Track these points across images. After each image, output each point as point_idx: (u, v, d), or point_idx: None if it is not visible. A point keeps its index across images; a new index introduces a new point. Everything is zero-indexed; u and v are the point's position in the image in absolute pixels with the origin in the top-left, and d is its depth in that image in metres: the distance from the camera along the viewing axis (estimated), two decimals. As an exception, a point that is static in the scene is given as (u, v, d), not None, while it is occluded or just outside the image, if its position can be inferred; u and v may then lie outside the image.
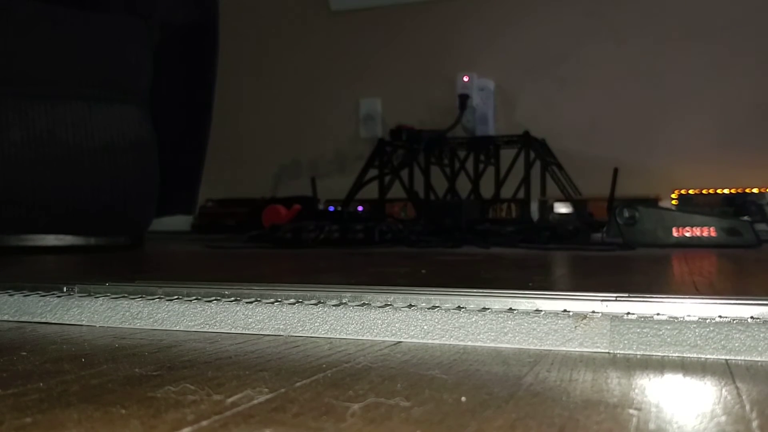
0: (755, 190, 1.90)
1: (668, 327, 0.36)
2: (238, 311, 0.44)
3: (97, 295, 0.48)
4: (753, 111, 2.16)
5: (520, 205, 2.02)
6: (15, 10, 1.28)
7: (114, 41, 1.37)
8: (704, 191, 1.96)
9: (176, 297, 0.47)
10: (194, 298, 0.47)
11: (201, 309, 0.44)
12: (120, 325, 0.46)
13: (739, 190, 1.93)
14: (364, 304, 0.43)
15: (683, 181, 2.15)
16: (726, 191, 1.93)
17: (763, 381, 0.30)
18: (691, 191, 1.96)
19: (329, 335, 0.41)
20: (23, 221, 1.29)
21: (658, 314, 0.38)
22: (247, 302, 0.44)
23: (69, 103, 1.29)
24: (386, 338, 0.40)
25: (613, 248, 1.36)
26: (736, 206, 1.86)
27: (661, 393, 0.28)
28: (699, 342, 0.35)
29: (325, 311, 0.42)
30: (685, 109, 2.22)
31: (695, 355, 0.35)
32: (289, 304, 0.44)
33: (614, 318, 0.37)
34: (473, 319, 0.39)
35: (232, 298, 0.46)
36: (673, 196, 1.99)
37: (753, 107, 2.16)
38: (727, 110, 2.19)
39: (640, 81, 2.26)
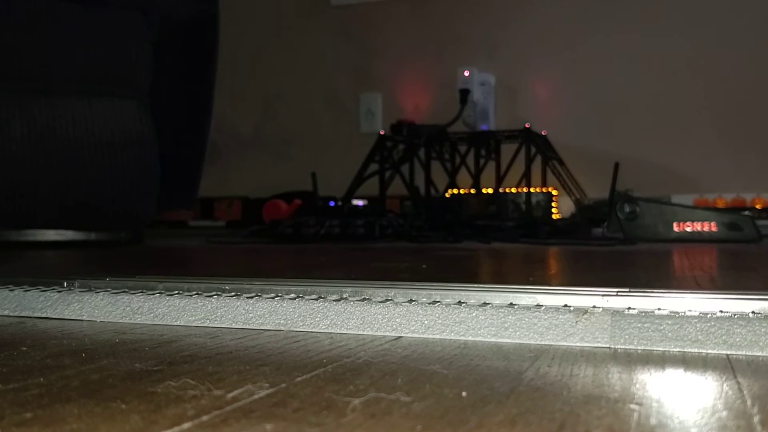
0: (513, 190, 2.01)
1: (669, 322, 0.36)
2: (238, 306, 0.44)
3: (98, 290, 0.48)
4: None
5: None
6: (15, 5, 1.28)
7: (114, 36, 1.36)
8: (472, 191, 2.05)
9: (177, 292, 0.47)
10: (195, 293, 0.47)
11: (201, 304, 0.44)
12: (120, 320, 0.46)
13: (501, 190, 2.02)
14: (364, 299, 0.43)
15: (688, 180, 2.15)
16: (489, 191, 2.02)
17: (764, 376, 0.30)
18: (462, 191, 2.04)
19: (330, 330, 0.41)
20: (23, 216, 1.29)
21: (659, 309, 0.38)
22: (247, 297, 0.44)
23: (69, 98, 1.28)
24: (387, 333, 0.40)
25: (614, 243, 1.35)
26: (497, 204, 1.95)
27: (662, 388, 0.28)
28: (700, 337, 0.35)
29: (326, 306, 0.42)
30: (690, 104, 2.22)
31: (696, 350, 0.35)
32: (289, 299, 0.44)
33: (615, 313, 0.37)
34: (474, 314, 0.39)
35: (233, 293, 0.46)
36: (447, 195, 2.05)
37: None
38: (743, 106, 2.19)
39: (643, 75, 2.26)
